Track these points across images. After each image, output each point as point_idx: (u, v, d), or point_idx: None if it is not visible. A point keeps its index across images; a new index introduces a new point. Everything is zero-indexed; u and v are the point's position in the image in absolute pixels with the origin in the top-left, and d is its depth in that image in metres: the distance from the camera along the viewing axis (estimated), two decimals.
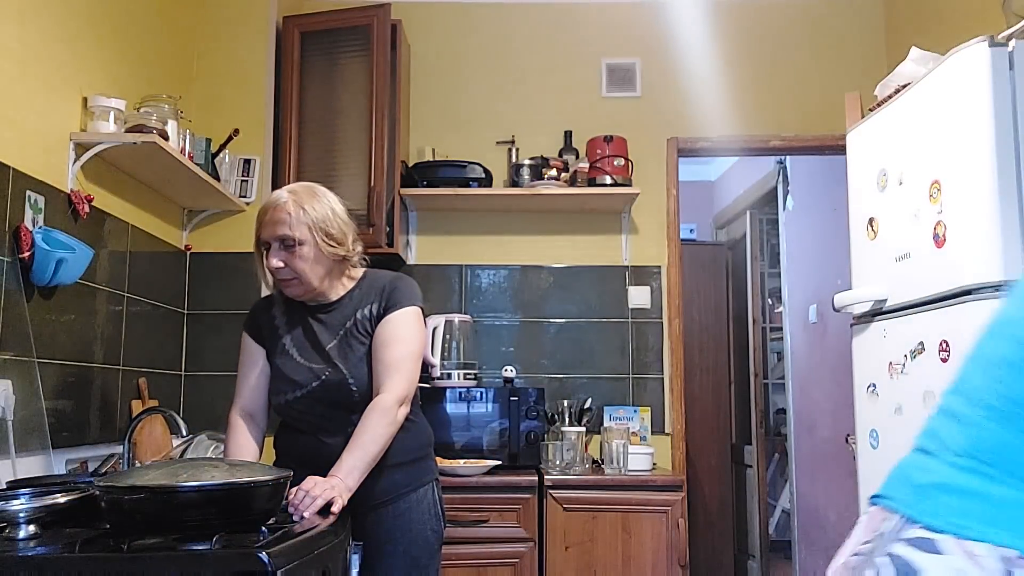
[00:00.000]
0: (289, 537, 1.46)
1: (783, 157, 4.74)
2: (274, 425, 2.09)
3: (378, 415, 1.86)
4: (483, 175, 3.45)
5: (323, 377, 1.95)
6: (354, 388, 1.94)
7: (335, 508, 1.72)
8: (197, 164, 2.70)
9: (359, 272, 2.05)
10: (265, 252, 1.95)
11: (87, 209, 2.30)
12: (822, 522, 4.33)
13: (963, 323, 1.96)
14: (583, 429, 3.14)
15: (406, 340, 1.95)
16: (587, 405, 3.37)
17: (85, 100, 2.34)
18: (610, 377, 3.54)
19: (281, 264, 1.91)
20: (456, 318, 3.33)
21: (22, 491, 1.59)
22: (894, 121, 2.34)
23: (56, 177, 2.21)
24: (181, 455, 2.50)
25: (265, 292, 2.12)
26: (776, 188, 4.89)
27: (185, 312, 3.07)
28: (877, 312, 2.40)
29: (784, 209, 4.83)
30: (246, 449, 1.99)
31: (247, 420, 2.02)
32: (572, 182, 3.46)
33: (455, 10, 3.75)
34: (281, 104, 3.26)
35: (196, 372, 3.04)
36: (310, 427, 1.98)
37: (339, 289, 2.02)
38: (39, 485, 1.70)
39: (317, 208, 1.95)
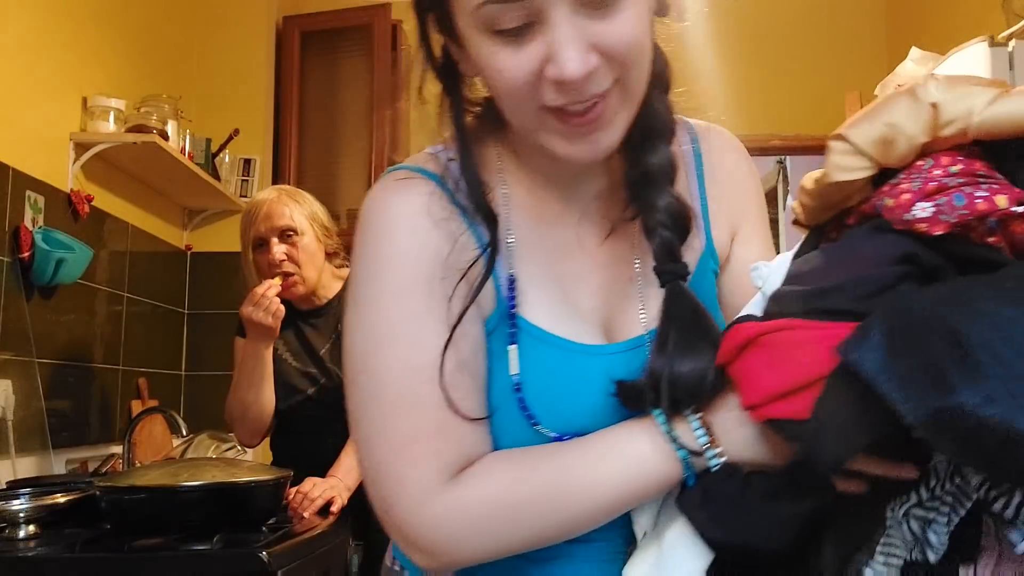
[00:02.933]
0: (289, 537, 1.46)
1: (783, 157, 4.74)
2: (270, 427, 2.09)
3: None
4: None
5: (320, 382, 1.95)
6: None
7: (334, 508, 1.72)
8: (197, 164, 2.70)
9: (346, 272, 2.06)
10: (259, 252, 1.94)
11: (87, 209, 2.29)
12: None
13: None
14: None
15: None
16: None
17: (85, 100, 2.34)
18: None
19: (284, 257, 1.91)
20: None
21: (22, 491, 1.59)
22: None
23: (56, 177, 2.20)
24: (181, 455, 2.50)
25: None
26: (776, 188, 4.89)
27: (185, 312, 3.06)
28: None
29: (784, 209, 4.83)
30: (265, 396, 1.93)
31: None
32: None
33: None
34: (281, 104, 3.26)
35: (196, 372, 3.04)
36: (310, 430, 1.98)
37: (330, 289, 2.02)
38: (39, 485, 1.70)
39: (308, 201, 1.99)
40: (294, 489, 1.72)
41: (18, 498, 1.54)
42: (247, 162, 3.12)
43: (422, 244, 0.70)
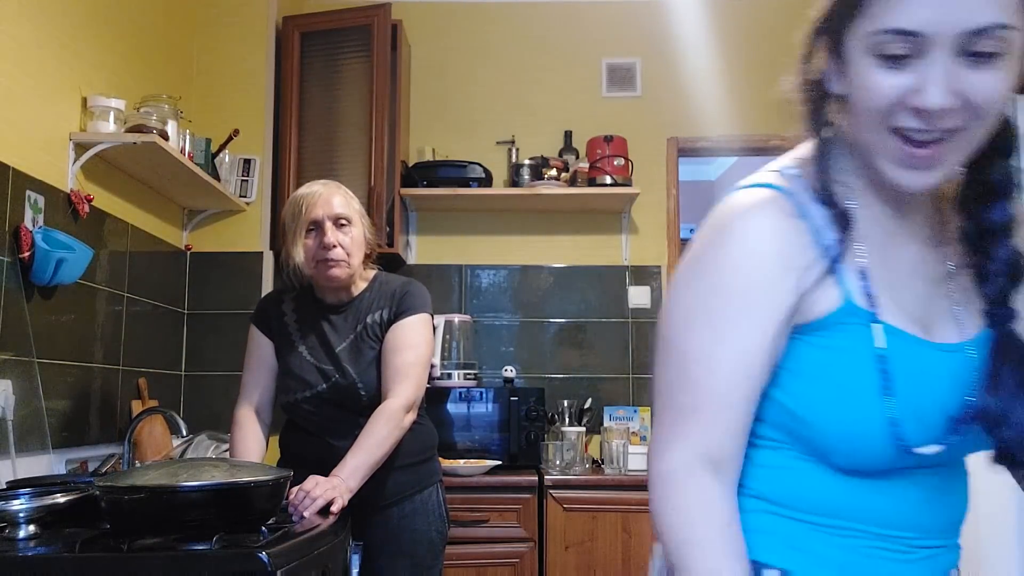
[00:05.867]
0: (289, 537, 1.46)
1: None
2: (280, 424, 2.09)
3: (385, 420, 1.86)
4: (483, 175, 3.45)
5: (332, 379, 1.96)
6: (363, 392, 1.94)
7: (335, 508, 1.72)
8: (197, 164, 2.70)
9: (371, 273, 2.07)
10: (309, 236, 1.96)
11: (87, 209, 2.30)
12: None
13: None
14: (583, 429, 3.14)
15: (415, 346, 1.97)
16: (587, 405, 3.37)
17: (85, 100, 2.34)
18: (610, 377, 3.54)
19: (337, 242, 1.94)
20: (456, 318, 3.33)
21: (22, 491, 1.59)
22: None
23: (56, 177, 2.20)
24: (181, 455, 2.51)
25: (266, 290, 2.12)
26: None
27: (185, 312, 3.06)
28: None
29: None
30: (252, 446, 1.99)
31: (253, 416, 2.02)
32: (572, 182, 3.46)
33: (455, 10, 3.75)
34: (281, 104, 3.26)
35: (196, 372, 3.04)
36: (317, 428, 1.98)
37: (357, 287, 2.03)
38: (39, 485, 1.70)
39: (355, 199, 2.05)
40: (296, 488, 1.73)
41: (18, 498, 1.53)
42: (247, 162, 3.12)
43: (768, 253, 0.83)
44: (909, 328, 0.82)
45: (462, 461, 2.99)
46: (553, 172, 3.43)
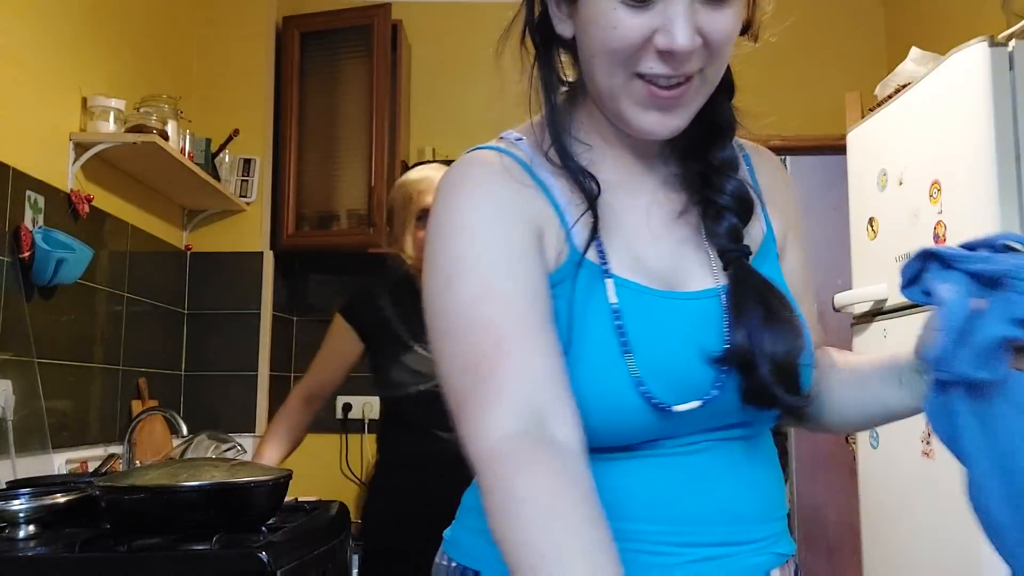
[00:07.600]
0: (289, 537, 1.46)
1: (783, 157, 4.73)
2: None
3: None
4: None
5: None
6: None
7: None
8: (197, 164, 2.70)
9: None
10: (419, 225, 1.94)
11: (87, 209, 2.30)
12: (822, 522, 4.32)
13: None
14: None
15: None
16: None
17: (85, 100, 2.34)
18: None
19: None
20: None
21: (22, 491, 1.59)
22: (894, 121, 2.34)
23: (56, 177, 2.20)
24: (181, 455, 2.50)
25: (266, 290, 2.12)
26: None
27: (185, 312, 3.06)
28: (877, 312, 2.40)
29: None
30: (282, 430, 2.02)
31: (306, 404, 2.05)
32: None
33: (455, 10, 3.75)
34: (281, 104, 3.26)
35: (196, 372, 3.03)
36: (426, 421, 1.91)
37: None
38: (39, 485, 1.70)
39: None
40: None
41: (18, 498, 1.54)
42: (247, 162, 3.12)
43: (499, 196, 0.76)
44: (644, 281, 0.76)
45: None
46: None
